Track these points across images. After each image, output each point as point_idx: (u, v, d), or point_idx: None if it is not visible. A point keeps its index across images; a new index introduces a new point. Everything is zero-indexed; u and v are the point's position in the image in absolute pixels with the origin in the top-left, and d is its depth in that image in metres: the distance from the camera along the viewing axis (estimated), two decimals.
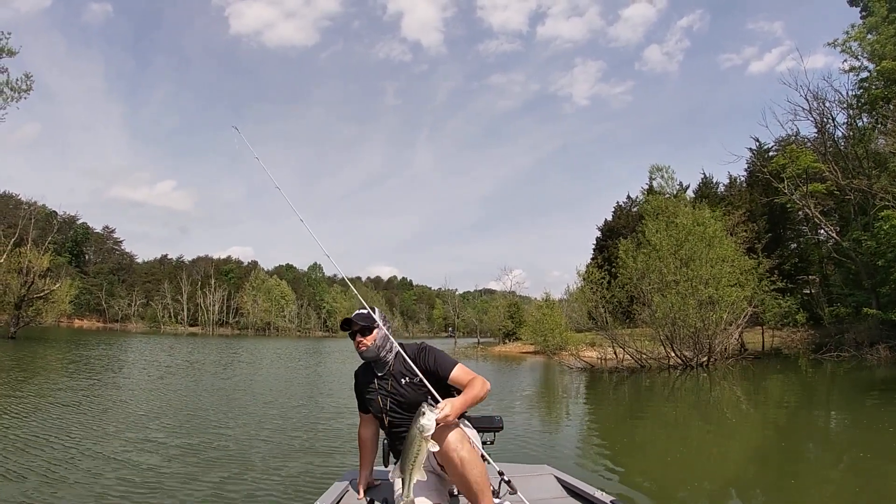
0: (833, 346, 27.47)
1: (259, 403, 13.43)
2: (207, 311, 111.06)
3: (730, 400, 16.08)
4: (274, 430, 9.91)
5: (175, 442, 8.52)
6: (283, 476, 6.86)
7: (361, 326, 3.33)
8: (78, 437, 8.40)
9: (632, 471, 7.75)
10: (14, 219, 49.85)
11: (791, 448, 9.63)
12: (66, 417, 10.16)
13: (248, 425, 10.24)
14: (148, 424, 9.80)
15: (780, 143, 38.11)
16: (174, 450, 7.97)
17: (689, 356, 24.18)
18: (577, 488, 3.50)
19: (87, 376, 17.39)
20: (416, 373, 3.21)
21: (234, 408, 12.59)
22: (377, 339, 3.34)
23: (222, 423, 10.57)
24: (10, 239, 41.32)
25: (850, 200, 30.70)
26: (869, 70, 29.30)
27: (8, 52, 34.08)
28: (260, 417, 11.36)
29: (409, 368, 3.26)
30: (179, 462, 7.33)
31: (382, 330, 3.37)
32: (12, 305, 39.92)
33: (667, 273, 24.64)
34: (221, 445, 8.44)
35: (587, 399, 17.48)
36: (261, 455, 7.90)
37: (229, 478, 6.69)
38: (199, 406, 12.69)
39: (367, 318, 3.36)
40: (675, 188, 44.49)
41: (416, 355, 3.29)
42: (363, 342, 3.33)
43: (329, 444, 8.87)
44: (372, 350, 3.33)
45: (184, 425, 10.04)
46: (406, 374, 3.29)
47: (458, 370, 3.21)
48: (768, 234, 37.73)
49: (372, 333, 3.34)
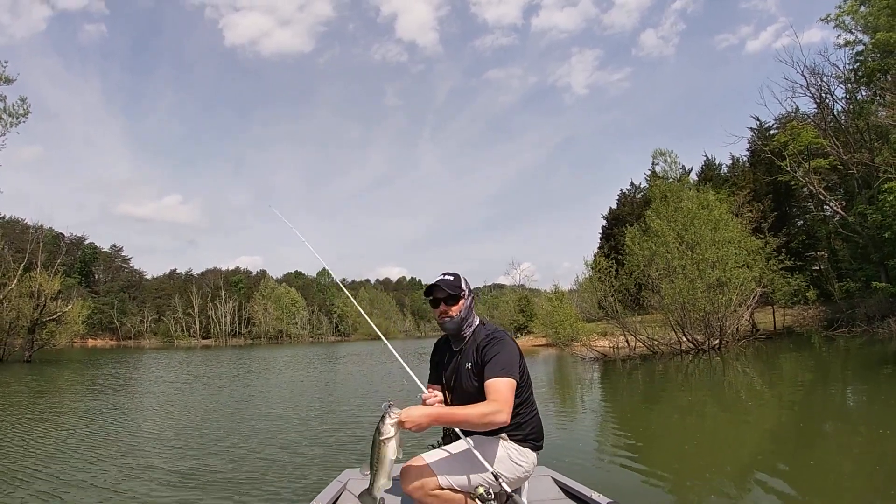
0: (844, 321, 27.45)
1: (262, 417, 13.40)
2: (219, 322, 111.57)
3: (744, 381, 16.09)
4: (273, 432, 9.88)
5: (175, 443, 8.60)
6: (283, 476, 6.93)
7: (448, 294, 2.98)
8: (91, 459, 8.45)
9: (650, 460, 7.76)
10: (21, 243, 50.15)
11: (808, 427, 9.65)
12: (83, 435, 10.23)
13: (250, 437, 10.21)
14: (148, 445, 9.68)
15: (781, 120, 38.12)
16: (175, 453, 7.98)
17: (700, 340, 24.17)
18: (574, 490, 3.47)
19: (101, 396, 17.52)
20: (480, 360, 2.87)
21: (236, 419, 12.58)
22: (462, 311, 3.00)
23: (225, 431, 10.58)
24: (20, 264, 41.63)
25: (853, 174, 30.65)
26: (864, 43, 29.18)
27: (5, 80, 34.44)
28: (261, 426, 11.37)
29: (475, 354, 2.92)
30: (174, 461, 7.43)
31: (468, 300, 3.06)
32: (26, 329, 40.24)
33: (672, 258, 24.63)
34: (222, 449, 8.35)
35: (602, 389, 17.50)
36: (260, 455, 7.98)
37: (228, 478, 6.80)
38: (203, 418, 12.61)
39: (453, 286, 3.01)
40: (678, 172, 44.34)
41: (484, 341, 2.93)
42: (448, 312, 2.99)
43: (329, 444, 8.93)
44: (455, 322, 2.99)
45: (182, 436, 10.03)
46: (472, 358, 2.94)
47: (499, 382, 2.73)
48: (774, 213, 37.63)
49: (458, 304, 2.99)
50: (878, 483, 6.21)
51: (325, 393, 17.65)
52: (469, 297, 3.05)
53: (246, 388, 18.95)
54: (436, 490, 2.73)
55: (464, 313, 3.00)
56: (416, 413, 2.58)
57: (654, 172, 47.66)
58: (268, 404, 14.54)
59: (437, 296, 2.99)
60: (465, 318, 3.01)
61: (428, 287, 3.05)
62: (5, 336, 39.25)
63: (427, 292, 3.06)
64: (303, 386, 20.24)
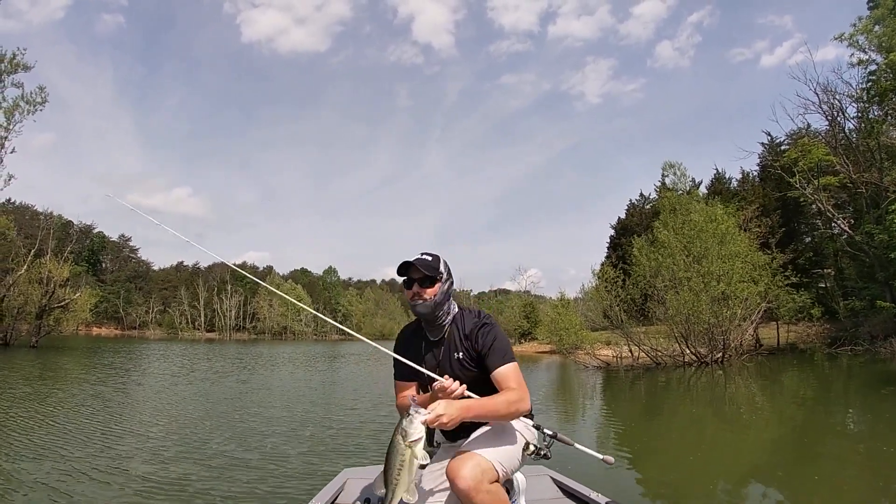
0: (848, 339, 27.49)
1: (260, 415, 13.34)
2: (224, 316, 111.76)
3: (745, 396, 16.17)
4: (272, 432, 9.88)
5: (175, 448, 8.49)
6: (282, 476, 6.93)
7: (424, 275, 2.72)
8: (96, 446, 8.48)
9: (650, 467, 7.89)
10: (31, 230, 50.52)
11: (810, 444, 9.71)
12: (87, 423, 10.33)
13: (250, 437, 9.99)
14: (142, 439, 9.34)
15: (792, 136, 38.12)
16: (174, 453, 8.05)
17: (703, 353, 24.27)
18: (573, 490, 3.43)
19: (107, 383, 17.69)
20: (471, 350, 2.69)
21: (234, 417, 12.44)
22: (437, 295, 2.73)
23: (223, 430, 10.58)
24: (30, 250, 41.95)
25: (862, 193, 30.66)
26: (877, 62, 29.22)
27: (23, 68, 34.91)
28: (262, 425, 11.33)
29: (465, 342, 2.72)
30: (174, 465, 7.39)
31: (445, 285, 2.79)
32: (33, 315, 40.54)
33: (678, 270, 24.75)
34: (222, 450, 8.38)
35: (604, 397, 17.63)
36: (259, 456, 7.97)
37: (227, 477, 6.80)
38: (200, 414, 12.44)
39: (431, 267, 2.75)
40: (687, 185, 44.38)
41: (474, 329, 2.72)
42: (422, 294, 2.71)
43: (328, 446, 8.91)
44: (429, 306, 2.71)
45: (178, 434, 9.83)
46: (461, 347, 2.72)
47: (509, 369, 2.60)
48: (782, 229, 37.63)
49: (434, 286, 2.73)
50: (877, 499, 6.31)
51: (324, 393, 17.75)
52: (447, 281, 2.81)
53: (245, 385, 18.99)
54: (494, 483, 2.44)
55: (439, 298, 2.73)
56: (453, 408, 2.32)
57: (664, 184, 47.74)
58: (267, 402, 14.50)
59: (412, 275, 2.75)
60: (441, 303, 2.75)
61: (402, 264, 2.77)
62: (13, 321, 39.57)
63: (401, 270, 2.78)
64: (302, 384, 20.38)
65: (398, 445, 2.22)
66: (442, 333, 2.79)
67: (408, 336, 2.95)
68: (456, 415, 2.31)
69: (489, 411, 2.45)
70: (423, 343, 2.84)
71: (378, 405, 13.52)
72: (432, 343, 2.82)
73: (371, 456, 7.87)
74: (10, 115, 34.72)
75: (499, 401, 2.47)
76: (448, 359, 2.73)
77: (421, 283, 2.72)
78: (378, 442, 8.89)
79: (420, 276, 2.72)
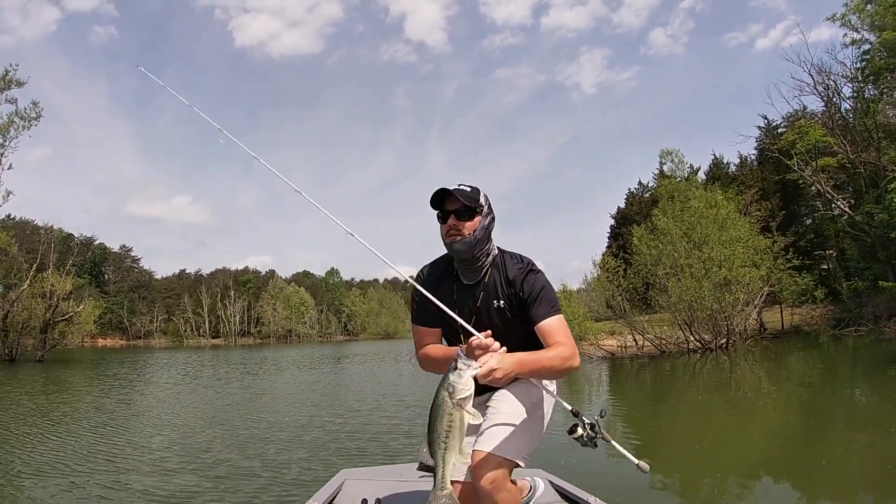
0: (852, 320, 27.43)
1: (261, 417, 13.37)
2: (228, 322, 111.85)
3: (751, 380, 16.15)
4: (272, 431, 9.86)
5: (177, 458, 8.43)
6: (280, 475, 6.98)
7: (462, 206, 2.35)
8: (97, 461, 8.52)
9: (657, 460, 7.83)
10: (32, 244, 50.54)
11: (816, 427, 9.64)
12: (89, 436, 10.33)
13: (249, 436, 10.00)
14: (141, 444, 9.56)
15: (789, 119, 38.03)
16: (175, 464, 7.99)
17: (708, 339, 24.24)
18: (569, 493, 3.31)
19: (110, 395, 17.70)
20: (513, 297, 2.35)
21: (234, 419, 12.54)
22: (477, 230, 2.36)
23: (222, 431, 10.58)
24: (32, 264, 41.99)
25: (860, 173, 30.60)
26: (871, 41, 29.15)
27: (17, 84, 34.97)
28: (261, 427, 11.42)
29: (508, 288, 2.37)
30: (176, 477, 7.31)
31: (486, 219, 2.42)
32: (38, 330, 40.60)
33: (679, 257, 24.70)
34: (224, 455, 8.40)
35: (609, 388, 17.57)
36: (260, 463, 7.94)
37: (226, 477, 6.86)
38: (201, 418, 12.46)
39: (470, 197, 2.36)
40: (685, 171, 44.32)
41: (519, 274, 2.37)
42: (459, 229, 2.35)
43: (326, 444, 8.95)
44: (468, 243, 2.33)
45: (178, 436, 9.92)
46: (503, 294, 2.37)
47: (556, 321, 2.29)
48: (782, 212, 37.59)
49: (473, 220, 2.36)
50: (886, 482, 6.25)
51: (324, 393, 17.75)
52: (488, 216, 2.43)
53: (248, 390, 18.98)
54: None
55: (479, 234, 2.36)
56: (507, 362, 2.02)
57: (662, 172, 47.66)
58: (270, 407, 14.44)
59: (448, 207, 2.38)
60: (482, 240, 2.37)
61: (437, 192, 2.39)
62: (18, 336, 39.62)
63: (434, 201, 2.41)
64: (305, 387, 20.37)
65: (444, 404, 1.94)
66: (479, 277, 2.43)
67: (436, 276, 2.54)
68: (511, 370, 2.03)
69: (544, 367, 2.18)
70: (455, 286, 2.47)
71: (381, 406, 13.50)
72: (466, 287, 2.45)
73: (372, 457, 7.87)
74: (6, 132, 34.87)
75: (552, 355, 2.19)
76: (487, 307, 2.39)
77: (458, 215, 2.35)
78: (380, 443, 8.86)
79: (457, 207, 2.36)
